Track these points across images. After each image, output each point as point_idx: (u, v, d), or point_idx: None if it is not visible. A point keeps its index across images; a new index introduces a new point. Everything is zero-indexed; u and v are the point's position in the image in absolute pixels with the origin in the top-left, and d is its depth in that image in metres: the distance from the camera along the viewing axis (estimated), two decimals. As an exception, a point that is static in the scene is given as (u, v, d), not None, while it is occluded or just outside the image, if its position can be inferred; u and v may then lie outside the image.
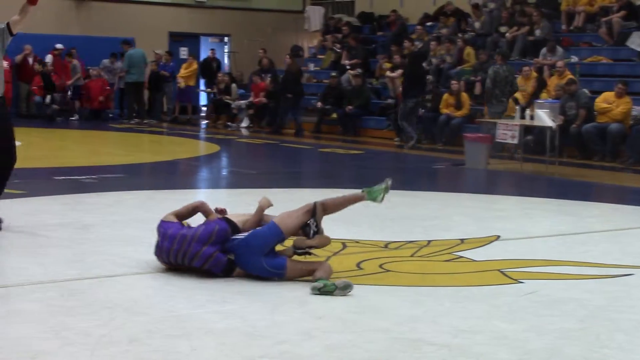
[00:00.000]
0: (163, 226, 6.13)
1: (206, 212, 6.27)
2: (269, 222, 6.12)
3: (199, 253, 5.95)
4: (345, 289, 5.69)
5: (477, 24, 20.65)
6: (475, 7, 21.12)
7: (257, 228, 6.09)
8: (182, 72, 23.65)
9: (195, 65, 23.85)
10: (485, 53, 19.04)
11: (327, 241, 6.11)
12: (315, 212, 6.06)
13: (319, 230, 6.03)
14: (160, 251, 6.09)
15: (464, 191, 12.03)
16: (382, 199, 6.32)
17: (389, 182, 6.36)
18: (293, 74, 20.88)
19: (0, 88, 7.01)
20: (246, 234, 6.03)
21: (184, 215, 6.30)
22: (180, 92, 23.70)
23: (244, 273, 6.07)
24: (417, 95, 17.38)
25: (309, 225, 6.01)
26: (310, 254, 6.12)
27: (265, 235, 6.00)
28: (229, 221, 6.08)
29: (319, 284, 5.72)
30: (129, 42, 23.32)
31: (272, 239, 6.00)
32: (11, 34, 7.03)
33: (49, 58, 23.26)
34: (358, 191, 6.44)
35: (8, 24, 6.96)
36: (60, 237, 7.40)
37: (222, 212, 6.29)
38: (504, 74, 16.11)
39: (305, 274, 6.00)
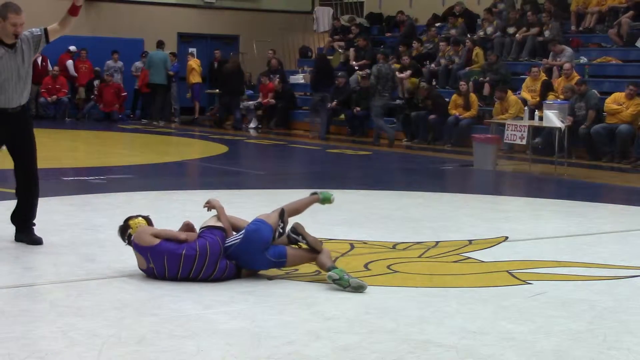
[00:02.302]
0: (159, 251, 5.89)
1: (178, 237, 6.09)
2: (241, 222, 6.24)
3: (217, 268, 5.94)
4: (357, 289, 5.75)
5: (489, 29, 20.61)
6: (489, 11, 21.07)
7: (247, 227, 6.09)
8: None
9: (191, 62, 23.70)
10: (495, 54, 19.03)
11: (320, 247, 6.13)
12: (283, 214, 6.19)
13: (284, 232, 6.15)
14: (164, 274, 5.92)
15: (472, 192, 12.02)
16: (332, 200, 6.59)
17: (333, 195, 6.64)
18: (229, 73, 21.83)
19: (26, 95, 6.96)
20: (239, 236, 6.04)
21: (165, 237, 6.01)
22: (194, 92, 23.78)
23: (249, 272, 6.09)
24: (323, 90, 19.70)
25: (277, 229, 6.13)
26: (300, 244, 6.12)
27: (262, 230, 6.03)
28: (215, 227, 6.08)
29: (335, 274, 5.79)
30: (161, 44, 23.66)
31: (269, 234, 6.04)
32: (47, 41, 6.96)
33: (70, 64, 23.37)
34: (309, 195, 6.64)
35: (46, 31, 6.87)
36: (69, 237, 7.41)
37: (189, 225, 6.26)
38: (386, 71, 18.37)
39: (306, 261, 6.11)
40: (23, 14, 6.66)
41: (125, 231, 6.13)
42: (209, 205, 6.28)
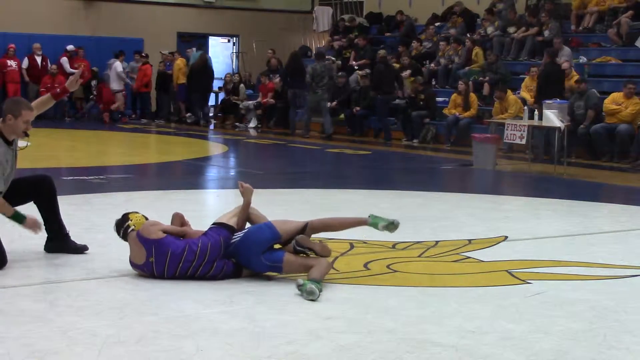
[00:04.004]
0: (164, 245, 5.94)
1: (188, 234, 6.21)
2: (258, 217, 6.23)
3: (214, 267, 5.95)
4: (309, 294, 5.57)
5: (490, 29, 20.62)
6: (490, 12, 21.08)
7: (252, 226, 6.13)
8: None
9: (178, 61, 23.53)
10: (494, 54, 19.03)
11: (328, 252, 6.12)
12: (304, 230, 6.13)
13: (303, 250, 6.05)
14: (163, 270, 5.93)
15: (472, 192, 12.02)
16: (384, 228, 6.21)
17: (398, 223, 6.25)
18: (196, 70, 22.60)
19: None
20: (241, 234, 6.06)
21: (172, 234, 6.09)
22: (179, 92, 23.58)
23: (250, 272, 6.09)
24: (295, 87, 20.62)
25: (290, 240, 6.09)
26: (307, 255, 6.09)
27: (262, 231, 6.03)
28: (225, 226, 6.09)
29: (300, 281, 5.70)
30: (202, 44, 24.36)
31: (269, 237, 6.02)
32: None
33: (64, 61, 23.34)
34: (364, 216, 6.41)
35: None
36: (69, 237, 7.40)
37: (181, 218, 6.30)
38: (320, 69, 19.71)
39: (302, 270, 5.97)
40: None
41: (123, 224, 6.14)
42: (242, 190, 6.28)
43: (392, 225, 6.20)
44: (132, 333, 4.78)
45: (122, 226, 6.15)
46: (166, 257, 5.90)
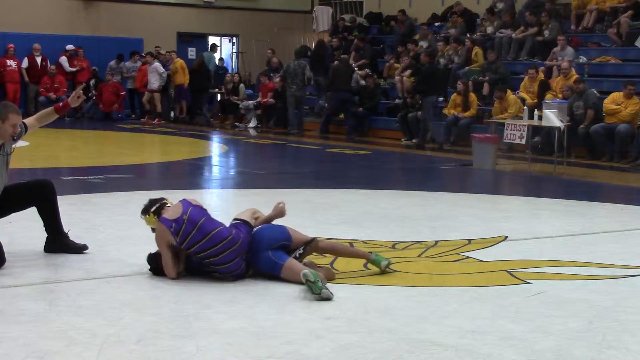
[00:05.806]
0: (201, 214, 6.03)
1: None
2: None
3: (233, 261, 5.95)
4: (324, 299, 5.56)
5: (490, 29, 20.61)
6: (490, 12, 21.08)
7: (264, 225, 6.20)
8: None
9: (177, 62, 23.31)
10: (494, 53, 19.02)
11: (332, 277, 6.15)
12: (309, 244, 6.19)
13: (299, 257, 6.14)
14: (188, 235, 5.89)
15: (471, 191, 12.02)
16: (386, 267, 6.31)
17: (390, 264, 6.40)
18: (193, 70, 23.19)
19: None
20: (256, 228, 6.15)
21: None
22: (180, 92, 23.50)
23: (253, 272, 6.09)
24: (318, 76, 21.42)
25: (295, 250, 6.16)
26: None
27: (275, 230, 6.18)
28: (248, 224, 6.14)
29: (312, 277, 5.63)
30: (214, 46, 24.95)
31: (280, 236, 6.12)
32: (25, 133, 6.79)
33: (63, 60, 23.33)
34: (366, 252, 6.51)
35: (25, 126, 6.72)
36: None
37: None
38: (294, 68, 20.61)
39: (299, 280, 5.79)
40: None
41: (159, 201, 6.23)
42: (279, 207, 6.38)
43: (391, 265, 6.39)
44: (132, 333, 4.79)
45: (159, 202, 6.20)
46: (195, 225, 5.90)
